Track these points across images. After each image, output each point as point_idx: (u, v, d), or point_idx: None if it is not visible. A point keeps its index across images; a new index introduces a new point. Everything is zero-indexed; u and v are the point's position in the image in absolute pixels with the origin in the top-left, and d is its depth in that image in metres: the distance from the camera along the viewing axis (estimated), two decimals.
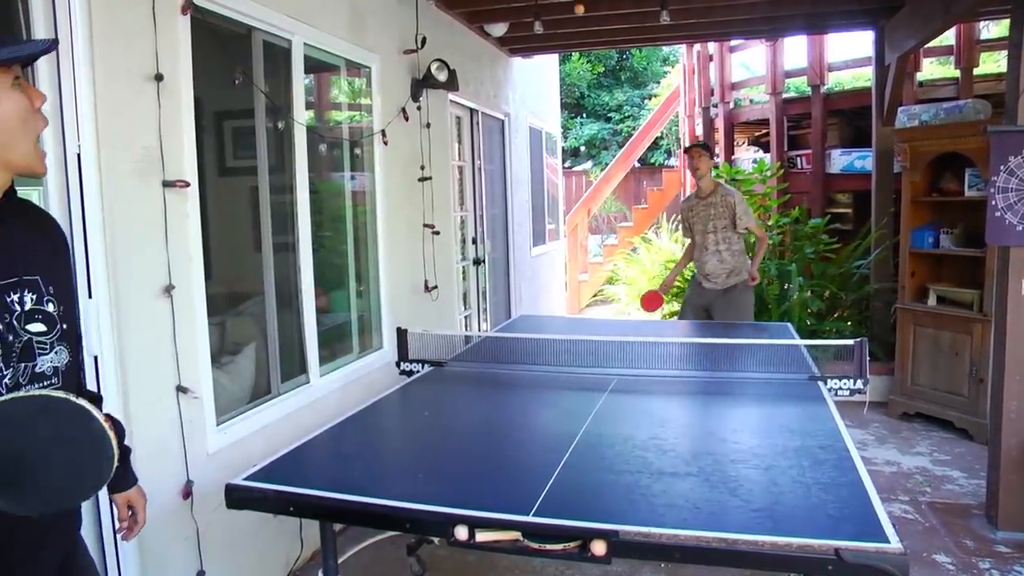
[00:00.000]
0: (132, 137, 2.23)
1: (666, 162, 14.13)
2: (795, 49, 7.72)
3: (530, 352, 3.28)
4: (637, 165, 12.90)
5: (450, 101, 5.01)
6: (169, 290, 2.35)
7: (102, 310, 2.08)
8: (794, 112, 7.41)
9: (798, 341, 3.41)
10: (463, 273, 5.63)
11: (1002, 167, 3.15)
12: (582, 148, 15.46)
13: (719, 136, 8.34)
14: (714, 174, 5.19)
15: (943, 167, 4.72)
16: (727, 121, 8.28)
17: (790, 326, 4.19)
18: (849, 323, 6.07)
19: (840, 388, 2.77)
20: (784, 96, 7.45)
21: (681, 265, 5.40)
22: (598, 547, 1.56)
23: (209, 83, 2.69)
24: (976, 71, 6.30)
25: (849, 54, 7.18)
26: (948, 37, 6.22)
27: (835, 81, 7.81)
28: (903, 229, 4.95)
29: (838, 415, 2.39)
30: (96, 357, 2.07)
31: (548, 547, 1.62)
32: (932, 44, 5.76)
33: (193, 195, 2.46)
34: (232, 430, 2.70)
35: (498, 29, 5.48)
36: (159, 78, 2.30)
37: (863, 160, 6.51)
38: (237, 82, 2.80)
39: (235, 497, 1.88)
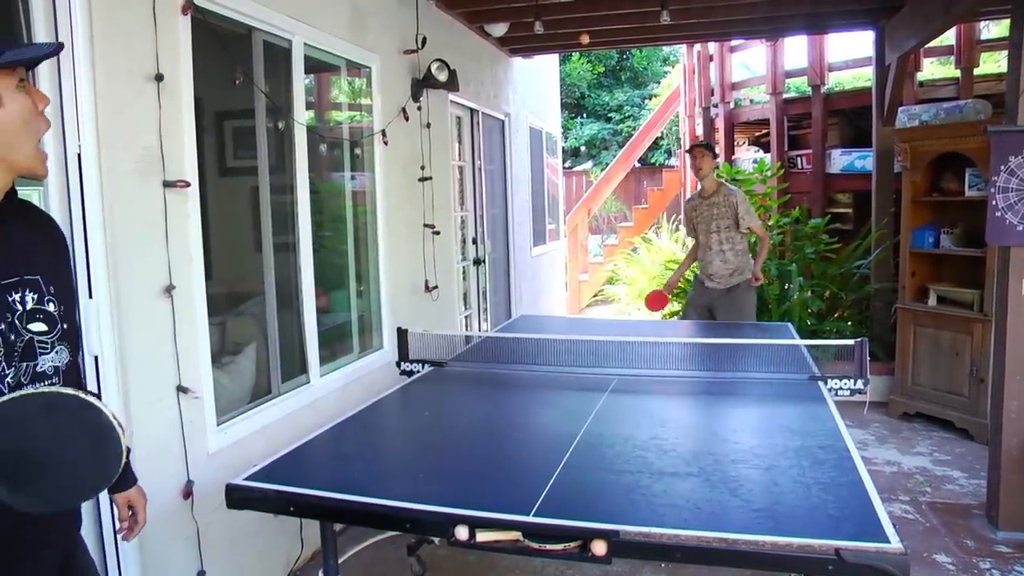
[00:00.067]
0: (132, 137, 2.23)
1: (666, 162, 14.12)
2: (795, 49, 7.73)
3: (530, 352, 3.28)
4: (637, 165, 12.90)
5: (450, 101, 5.01)
6: (170, 290, 2.35)
7: (103, 310, 2.08)
8: (794, 112, 7.41)
9: (798, 341, 3.41)
10: (463, 273, 5.63)
11: (1002, 167, 3.15)
12: (582, 148, 15.46)
13: (719, 136, 8.33)
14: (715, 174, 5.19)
15: (943, 167, 4.72)
16: (727, 121, 8.28)
17: (790, 326, 4.18)
18: (849, 323, 6.07)
19: (840, 388, 2.77)
20: (784, 96, 7.45)
21: (685, 265, 5.40)
22: (598, 547, 1.56)
23: (209, 83, 2.69)
24: (976, 71, 6.30)
25: (849, 54, 7.18)
26: (948, 37, 6.21)
27: (835, 81, 7.81)
28: (903, 229, 4.95)
29: (838, 415, 2.39)
30: (97, 357, 2.07)
31: (548, 547, 1.62)
32: (932, 44, 5.75)
33: (193, 195, 2.47)
34: (232, 430, 2.71)
35: (498, 29, 5.48)
36: (159, 78, 2.30)
37: (863, 160, 6.50)
38: (237, 82, 2.80)
39: (235, 497, 1.88)
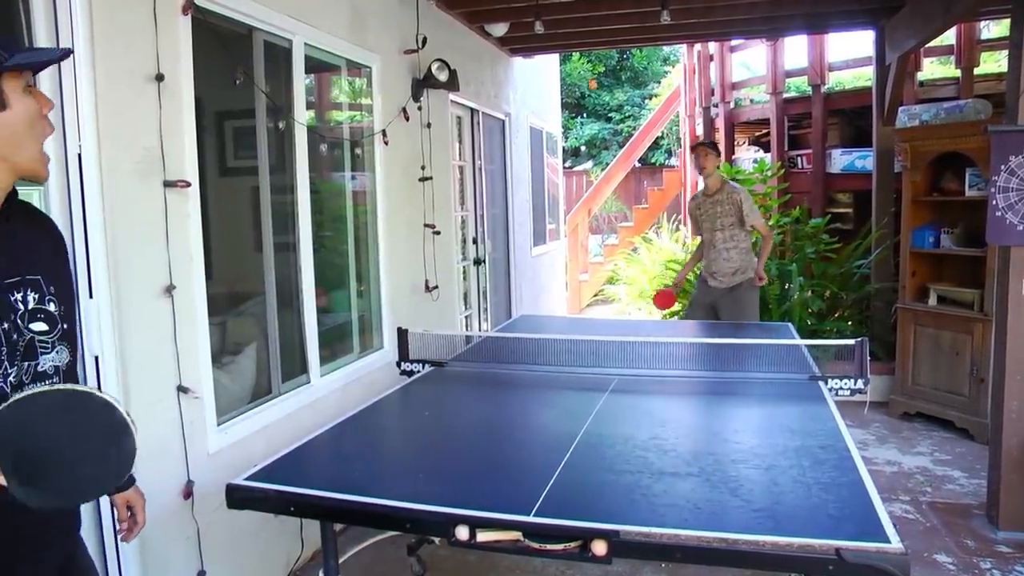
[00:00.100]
0: (133, 137, 2.23)
1: (667, 162, 14.11)
2: (795, 49, 7.72)
3: (531, 352, 3.28)
4: (638, 165, 12.90)
5: (451, 101, 5.01)
6: (170, 290, 2.35)
7: (103, 310, 2.08)
8: (794, 112, 7.41)
9: (799, 341, 3.41)
10: (463, 273, 5.63)
11: (1003, 167, 3.15)
12: (582, 148, 15.46)
13: (719, 136, 8.33)
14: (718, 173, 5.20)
15: (944, 167, 4.72)
16: (727, 121, 8.28)
17: (791, 326, 4.18)
18: (850, 323, 6.06)
19: (841, 388, 2.77)
20: (784, 96, 7.44)
21: (691, 264, 5.43)
22: (599, 547, 1.56)
23: (210, 83, 2.69)
24: (977, 71, 6.30)
25: (849, 54, 7.18)
26: (948, 37, 6.21)
27: (836, 81, 7.80)
28: (904, 229, 4.95)
29: (839, 415, 2.39)
30: (97, 357, 2.07)
31: (549, 547, 1.62)
32: (933, 44, 5.75)
33: (194, 195, 2.47)
34: (233, 430, 2.71)
35: (499, 29, 5.48)
36: (160, 78, 2.30)
37: (864, 160, 6.50)
38: (238, 82, 2.80)
39: (236, 497, 1.88)
